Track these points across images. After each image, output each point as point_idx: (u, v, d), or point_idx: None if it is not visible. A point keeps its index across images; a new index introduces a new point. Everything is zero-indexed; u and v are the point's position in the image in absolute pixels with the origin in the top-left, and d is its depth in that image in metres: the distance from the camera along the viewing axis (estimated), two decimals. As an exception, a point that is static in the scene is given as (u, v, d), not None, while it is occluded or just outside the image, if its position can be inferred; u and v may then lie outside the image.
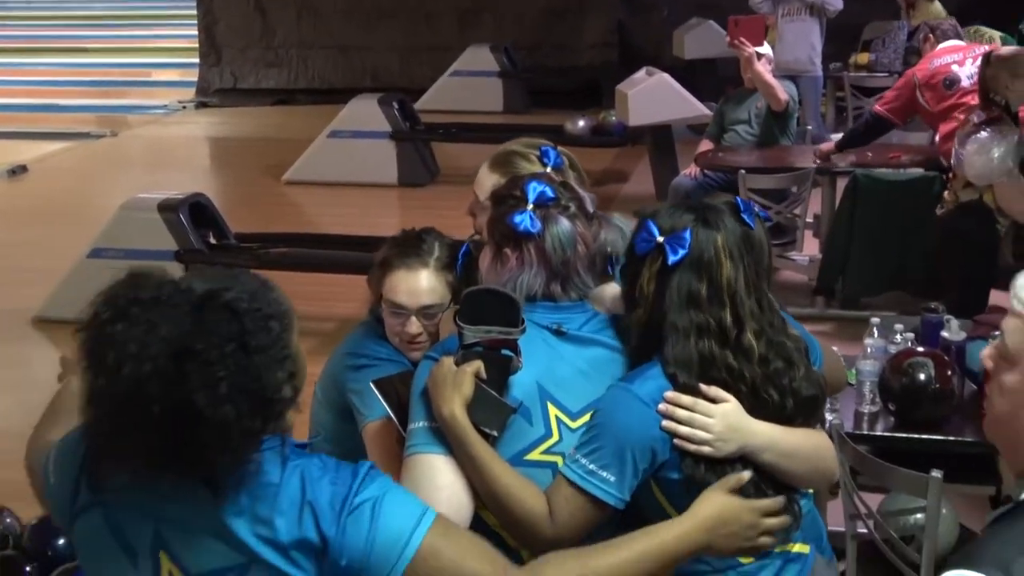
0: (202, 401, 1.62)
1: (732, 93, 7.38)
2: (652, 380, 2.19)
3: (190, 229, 6.70)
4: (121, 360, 1.63)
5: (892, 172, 6.34)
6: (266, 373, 1.69)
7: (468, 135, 10.13)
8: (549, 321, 2.25)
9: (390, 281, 2.60)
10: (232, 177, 10.76)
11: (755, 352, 2.19)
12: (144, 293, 1.68)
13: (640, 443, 2.14)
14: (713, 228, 2.21)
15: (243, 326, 1.67)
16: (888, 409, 3.62)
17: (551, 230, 2.25)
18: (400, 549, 1.74)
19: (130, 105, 14.81)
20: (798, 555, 2.30)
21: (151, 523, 1.76)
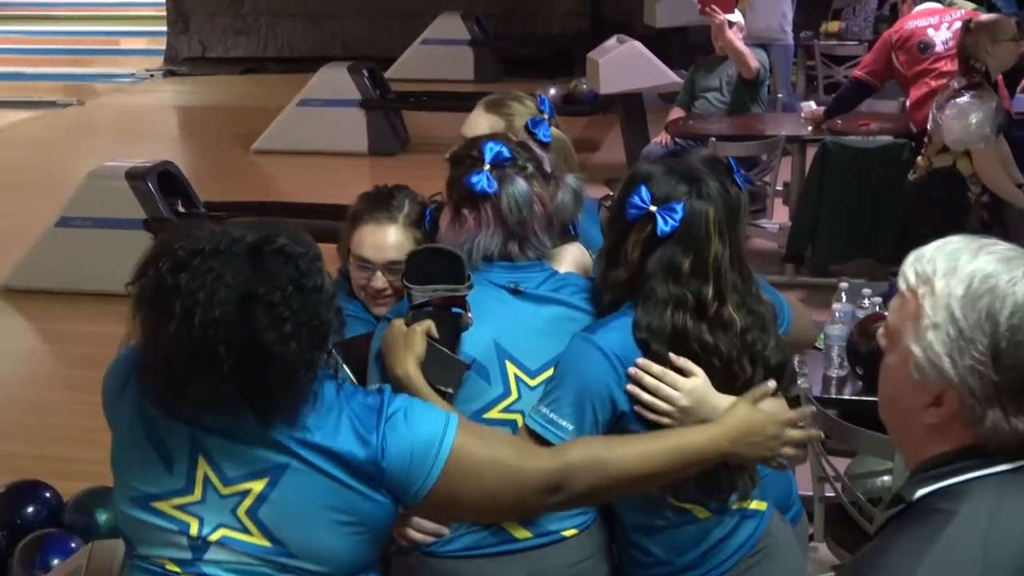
0: (270, 339, 1.75)
1: (703, 61, 7.39)
2: (616, 332, 2.20)
3: (158, 197, 6.66)
4: (191, 307, 1.74)
5: (861, 139, 6.38)
6: (322, 311, 1.82)
7: (439, 104, 10.10)
8: (506, 280, 2.27)
9: (358, 235, 2.60)
10: (201, 146, 10.69)
11: (736, 324, 2.20)
12: (202, 244, 1.79)
13: (600, 394, 2.17)
14: (705, 200, 2.20)
15: (299, 269, 1.80)
16: (856, 373, 3.64)
17: (507, 190, 2.26)
18: (436, 448, 1.86)
19: (97, 73, 14.66)
20: (755, 512, 2.34)
21: (187, 429, 1.85)
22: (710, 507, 2.28)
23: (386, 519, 1.91)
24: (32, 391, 5.87)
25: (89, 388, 6.27)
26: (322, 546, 1.86)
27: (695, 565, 2.29)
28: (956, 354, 1.48)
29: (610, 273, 2.25)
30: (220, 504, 1.85)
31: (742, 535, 2.31)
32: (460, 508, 1.96)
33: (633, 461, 2.00)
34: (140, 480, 1.88)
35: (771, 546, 2.34)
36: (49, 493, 3.66)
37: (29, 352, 6.60)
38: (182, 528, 1.86)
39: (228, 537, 1.85)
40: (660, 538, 2.29)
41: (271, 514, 1.85)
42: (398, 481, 1.87)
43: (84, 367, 6.03)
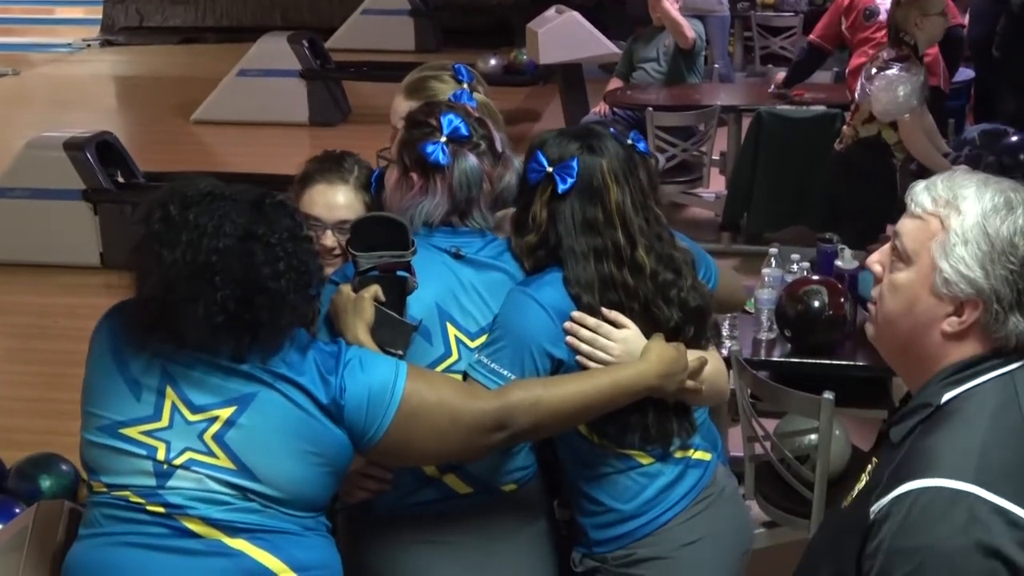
0: (265, 274, 1.93)
1: (641, 32, 7.46)
2: (550, 286, 2.29)
3: (97, 168, 6.63)
4: (196, 238, 1.91)
5: (795, 109, 6.49)
6: (310, 260, 2.01)
7: (379, 74, 10.07)
8: (448, 245, 2.32)
9: (308, 195, 2.64)
10: (140, 116, 10.60)
11: (647, 267, 2.31)
12: (209, 189, 1.97)
13: (538, 345, 2.26)
14: (598, 154, 2.31)
15: (294, 220, 2.02)
16: (784, 336, 3.75)
17: (459, 165, 2.31)
18: (390, 392, 2.03)
19: (33, 43, 14.46)
20: (699, 461, 2.43)
21: (159, 362, 2.00)
22: (652, 453, 2.36)
23: (345, 455, 2.04)
24: (-28, 362, 5.85)
25: (28, 359, 6.29)
26: (284, 472, 1.98)
27: (641, 512, 2.37)
28: (989, 265, 1.66)
29: (522, 239, 2.35)
30: (187, 429, 1.97)
31: (687, 483, 2.39)
32: (412, 449, 2.08)
33: (570, 398, 2.17)
34: (109, 409, 2.00)
35: (716, 495, 2.43)
36: (-9, 461, 3.68)
37: (-32, 323, 6.57)
38: (149, 452, 1.97)
39: (193, 460, 1.96)
40: (605, 485, 2.37)
41: (237, 438, 1.97)
42: (356, 423, 2.01)
43: (23, 338, 6.05)
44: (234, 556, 1.96)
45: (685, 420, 2.39)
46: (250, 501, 1.97)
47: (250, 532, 1.97)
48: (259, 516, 1.98)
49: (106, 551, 1.98)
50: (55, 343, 5.83)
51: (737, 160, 6.66)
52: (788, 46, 9.54)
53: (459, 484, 2.33)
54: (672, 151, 6.53)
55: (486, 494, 2.34)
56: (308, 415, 1.99)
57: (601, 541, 2.40)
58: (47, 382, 5.38)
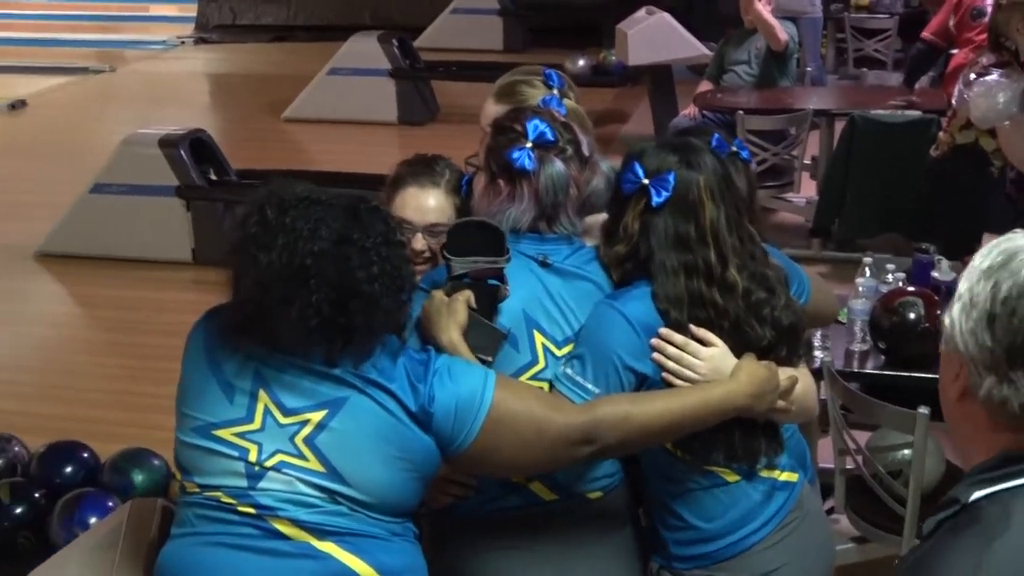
0: (360, 278, 1.95)
1: (732, 34, 7.39)
2: (637, 300, 2.27)
3: (191, 165, 6.73)
4: (292, 241, 1.93)
5: (889, 114, 6.36)
6: (403, 266, 2.03)
7: (468, 73, 10.11)
8: (535, 252, 2.31)
9: (400, 197, 2.65)
10: (231, 114, 10.75)
11: (738, 286, 2.28)
12: (306, 194, 1.99)
13: (622, 360, 2.23)
14: (695, 169, 2.28)
15: (388, 225, 2.03)
16: (878, 347, 3.67)
17: (546, 171, 2.29)
18: (479, 401, 2.03)
19: (127, 40, 14.75)
20: (785, 483, 2.38)
21: (252, 365, 2.02)
22: (738, 471, 2.33)
23: (432, 462, 2.04)
24: (64, 354, 5.96)
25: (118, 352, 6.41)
26: (373, 476, 1.99)
27: (724, 532, 2.33)
28: (963, 319, 1.54)
29: (611, 248, 2.33)
30: (278, 432, 1.99)
31: (773, 506, 2.35)
32: (497, 459, 2.08)
33: (658, 415, 2.15)
34: (203, 411, 2.03)
35: (800, 518, 2.38)
36: (87, 453, 3.75)
37: (62, 316, 6.70)
38: (241, 454, 1.99)
39: (284, 462, 1.98)
40: (688, 502, 2.34)
41: (328, 442, 1.98)
42: (444, 431, 2.02)
43: (113, 331, 6.16)
44: (322, 559, 1.97)
45: (773, 439, 2.35)
46: (338, 504, 1.98)
47: (338, 535, 1.98)
48: (347, 520, 1.99)
49: (198, 551, 2.01)
50: (145, 337, 5.93)
51: (829, 165, 6.55)
52: (882, 49, 9.39)
53: (544, 491, 2.31)
54: (763, 155, 6.45)
55: (571, 501, 2.32)
56: (398, 421, 2.00)
57: (681, 557, 2.36)
58: (135, 375, 5.48)
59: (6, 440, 3.79)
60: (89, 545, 2.40)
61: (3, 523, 3.49)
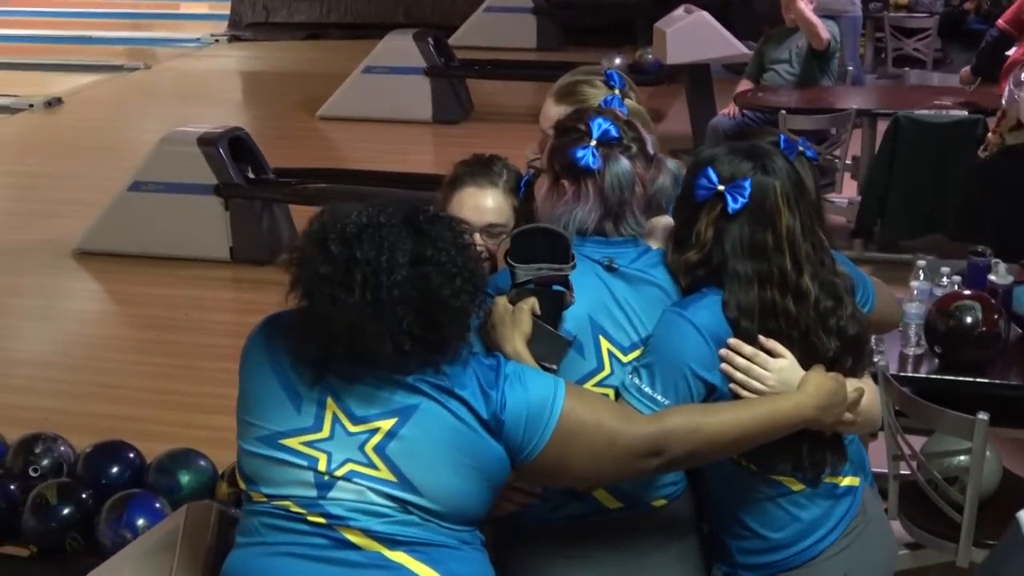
0: (447, 295, 1.92)
1: (772, 32, 7.33)
2: (707, 309, 2.23)
3: (230, 163, 6.72)
4: (371, 275, 1.89)
5: (934, 114, 6.30)
6: (478, 265, 2.01)
7: (502, 72, 10.10)
8: (601, 256, 2.28)
9: (458, 197, 2.63)
10: (265, 112, 10.75)
11: (811, 295, 2.24)
12: (366, 219, 1.93)
13: (692, 369, 2.20)
14: (771, 175, 2.24)
15: (453, 231, 1.99)
16: (933, 351, 3.63)
17: (611, 168, 2.26)
18: (549, 409, 2.00)
19: (160, 38, 14.79)
20: (848, 488, 2.35)
21: (320, 372, 1.98)
22: (803, 480, 2.29)
23: (502, 470, 2.02)
24: (103, 352, 5.97)
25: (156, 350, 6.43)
26: (444, 484, 1.96)
27: (790, 542, 2.30)
28: None
29: (682, 255, 2.28)
30: (348, 441, 1.96)
31: (837, 513, 2.32)
32: (566, 469, 2.05)
33: (728, 428, 2.12)
34: (268, 419, 1.99)
35: (864, 524, 2.35)
36: (132, 454, 3.73)
37: (100, 314, 6.72)
38: (311, 463, 1.96)
39: (354, 471, 1.95)
40: (754, 511, 2.31)
41: (399, 450, 1.95)
42: (514, 438, 1.99)
43: (152, 329, 6.16)
44: (394, 569, 1.94)
45: (837, 448, 2.32)
46: (409, 514, 1.95)
47: (409, 545, 1.95)
48: (418, 529, 1.96)
49: (267, 560, 1.98)
50: (184, 335, 5.93)
51: (872, 165, 6.49)
52: (922, 48, 9.31)
53: (609, 499, 2.28)
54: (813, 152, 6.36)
55: (635, 509, 2.29)
56: (469, 428, 1.97)
57: (748, 565, 2.34)
58: (176, 374, 5.47)
59: (52, 440, 3.78)
60: (144, 550, 2.38)
61: (51, 524, 3.47)
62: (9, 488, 3.61)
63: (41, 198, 8.12)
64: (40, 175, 8.70)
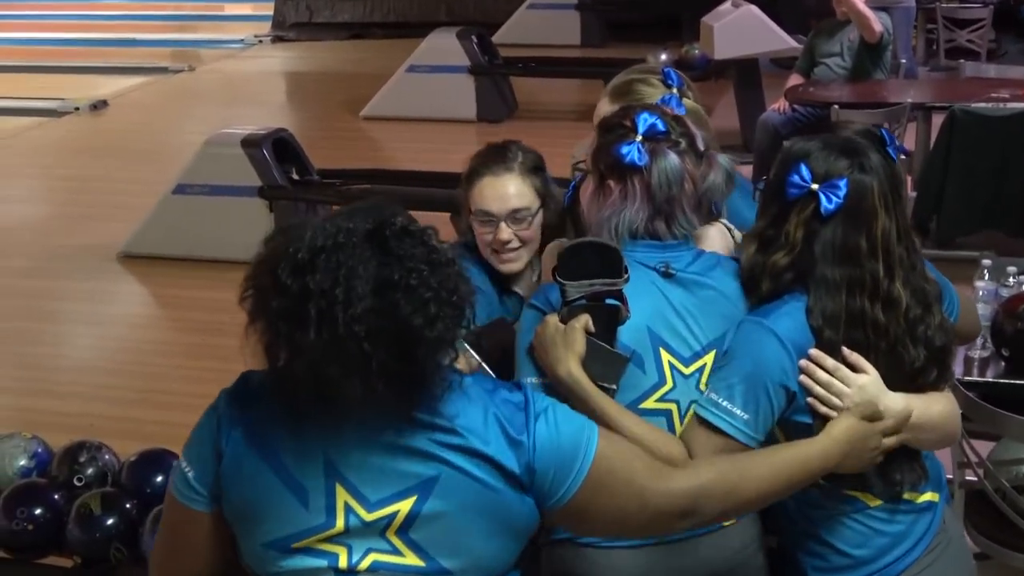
0: (419, 324, 1.66)
1: (823, 25, 7.19)
2: (788, 317, 2.11)
3: (274, 165, 6.68)
4: (328, 308, 1.64)
5: (991, 107, 6.16)
6: (458, 284, 1.73)
7: (547, 69, 10.01)
8: (655, 261, 2.18)
9: (477, 190, 2.58)
10: (309, 112, 10.74)
11: (902, 303, 2.11)
12: (321, 241, 1.67)
13: (774, 381, 2.09)
14: (868, 174, 2.11)
15: (427, 245, 1.71)
16: (1000, 354, 3.51)
17: (658, 164, 2.16)
18: (582, 455, 1.78)
19: (205, 39, 14.84)
20: (928, 504, 2.24)
21: (321, 457, 1.73)
22: (880, 495, 2.19)
23: (534, 521, 1.82)
24: (148, 356, 5.93)
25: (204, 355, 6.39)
26: (477, 555, 1.77)
27: (871, 559, 2.19)
28: None
29: (769, 257, 2.15)
30: (366, 530, 1.74)
31: (918, 530, 2.22)
32: (589, 521, 1.86)
33: (763, 482, 1.96)
34: (276, 523, 1.74)
35: (945, 542, 2.25)
36: (176, 462, 3.69)
37: (145, 318, 6.69)
38: (330, 562, 1.74)
39: (379, 562, 1.74)
40: (832, 528, 2.21)
41: (424, 532, 1.74)
42: (543, 486, 1.78)
43: (197, 333, 6.12)
44: None
45: (914, 465, 2.20)
46: None
47: None
48: None
49: None
50: (231, 339, 5.74)
51: (928, 160, 6.35)
52: (976, 39, 9.12)
53: None
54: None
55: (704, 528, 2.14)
56: (495, 492, 1.75)
57: None
58: (220, 379, 5.31)
59: (96, 448, 3.75)
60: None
61: (95, 534, 3.44)
62: (53, 498, 3.60)
63: (86, 202, 8.13)
64: (86, 178, 8.71)
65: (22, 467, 3.75)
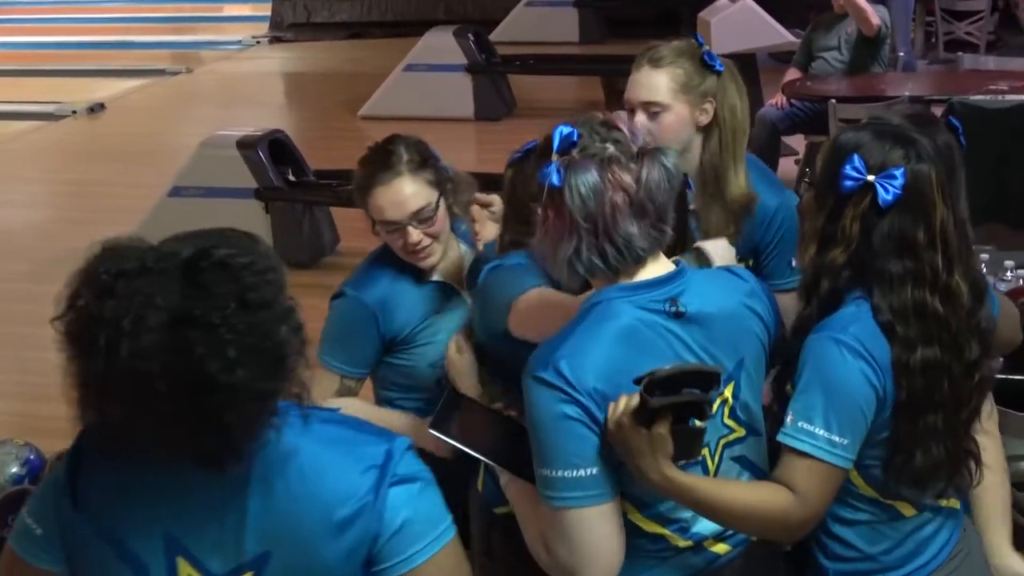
0: (213, 368, 1.46)
1: (820, 19, 7.15)
2: (856, 323, 2.02)
3: (269, 166, 6.67)
4: (116, 339, 1.46)
5: (991, 99, 6.12)
6: (274, 329, 1.52)
7: (545, 67, 9.99)
8: (662, 298, 1.97)
9: (373, 202, 2.55)
10: (307, 112, 10.72)
11: (962, 295, 2.03)
12: (128, 264, 1.51)
13: (866, 395, 2.00)
14: (926, 163, 2.01)
15: (241, 282, 1.50)
16: (998, 350, 3.48)
17: (570, 181, 1.90)
18: (425, 542, 1.60)
19: (203, 41, 14.82)
20: (952, 510, 2.18)
21: (159, 527, 1.59)
22: (920, 504, 2.11)
23: None
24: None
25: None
26: None
27: (897, 565, 2.12)
28: None
29: (826, 255, 2.05)
30: None
31: (943, 536, 2.15)
32: None
33: None
34: None
35: (967, 551, 2.18)
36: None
37: (144, 321, 6.67)
38: None
39: None
40: (859, 529, 2.13)
41: None
42: (372, 552, 1.61)
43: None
44: None
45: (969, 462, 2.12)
46: None
47: None
48: None
49: None
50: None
51: (926, 154, 6.30)
52: (974, 31, 9.09)
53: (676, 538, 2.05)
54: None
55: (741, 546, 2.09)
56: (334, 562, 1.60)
57: None
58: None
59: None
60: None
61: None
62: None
63: (85, 206, 8.11)
64: (84, 182, 8.71)
65: (14, 474, 3.72)
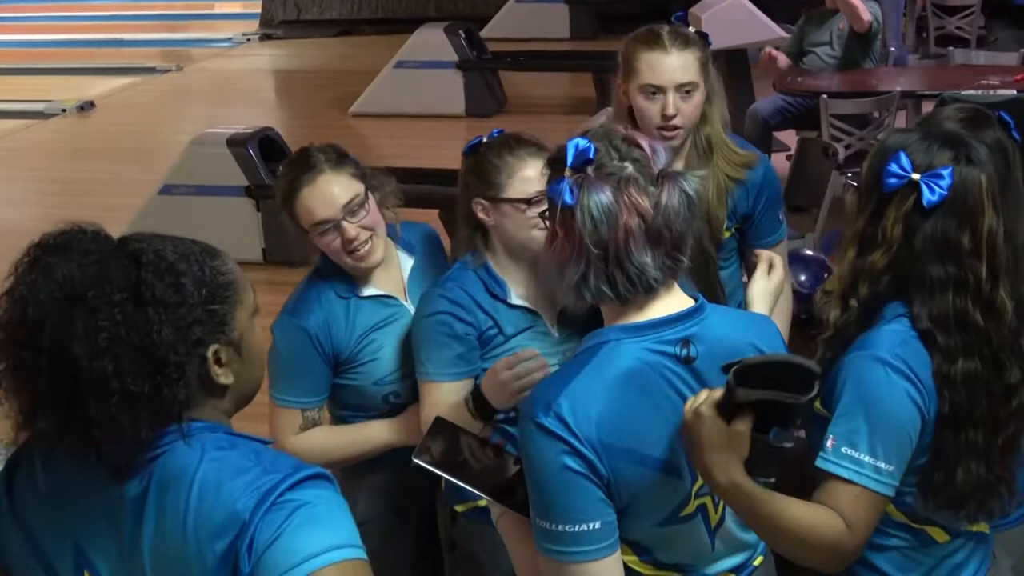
0: (78, 351, 1.46)
1: (812, 13, 7.13)
2: (892, 336, 1.94)
3: (259, 164, 6.63)
4: (16, 304, 1.51)
5: (981, 94, 6.10)
6: (159, 329, 1.49)
7: (536, 63, 9.95)
8: (674, 339, 1.83)
9: (301, 207, 2.51)
10: (298, 110, 10.68)
11: (1007, 312, 1.93)
12: (57, 240, 1.54)
13: (911, 417, 1.91)
14: (976, 166, 1.93)
15: (140, 277, 1.50)
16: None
17: (583, 202, 1.76)
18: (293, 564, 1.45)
19: (193, 39, 14.77)
20: (983, 535, 2.12)
21: (70, 539, 1.58)
22: (952, 530, 2.04)
23: None
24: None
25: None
26: None
27: None
28: None
29: (867, 258, 1.96)
30: None
31: (975, 562, 2.09)
32: None
33: None
34: None
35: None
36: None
37: (134, 319, 6.64)
38: None
39: None
40: (894, 557, 2.05)
41: None
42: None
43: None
44: None
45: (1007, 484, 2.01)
46: None
47: None
48: None
49: None
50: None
51: (918, 149, 6.29)
52: (965, 26, 9.08)
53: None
54: (848, 140, 6.21)
55: None
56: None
57: None
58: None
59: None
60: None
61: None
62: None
63: (76, 204, 8.05)
64: (73, 181, 8.66)
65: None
